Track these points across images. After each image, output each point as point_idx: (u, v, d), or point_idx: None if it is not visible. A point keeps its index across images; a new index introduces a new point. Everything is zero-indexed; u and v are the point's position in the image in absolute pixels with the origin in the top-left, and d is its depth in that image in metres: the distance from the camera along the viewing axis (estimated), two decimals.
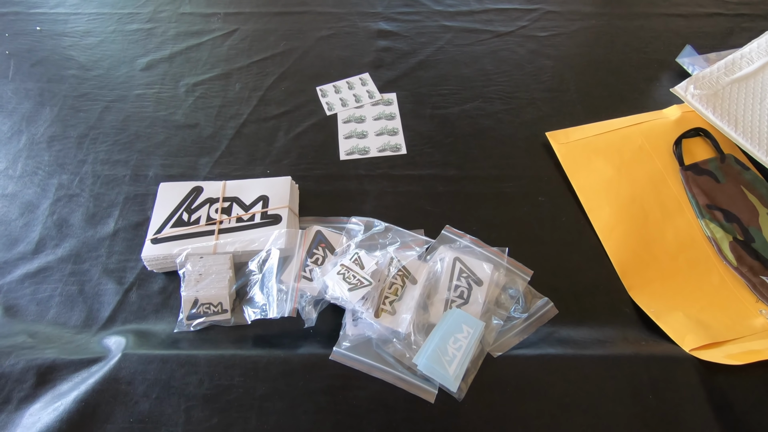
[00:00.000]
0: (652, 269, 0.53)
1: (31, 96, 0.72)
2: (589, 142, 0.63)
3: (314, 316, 0.48)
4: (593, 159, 0.61)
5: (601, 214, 0.56)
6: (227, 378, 0.42)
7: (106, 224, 0.57)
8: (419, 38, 0.79)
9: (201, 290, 0.49)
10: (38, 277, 0.53)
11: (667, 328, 0.47)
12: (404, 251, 0.51)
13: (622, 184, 0.58)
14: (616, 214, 0.56)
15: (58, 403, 0.41)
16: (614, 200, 0.57)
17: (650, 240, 0.54)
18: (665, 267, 0.53)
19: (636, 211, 0.56)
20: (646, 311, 0.48)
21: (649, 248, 0.54)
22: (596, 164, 0.60)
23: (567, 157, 0.62)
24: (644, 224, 0.55)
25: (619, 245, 0.54)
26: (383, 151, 0.64)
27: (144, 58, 0.76)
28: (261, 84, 0.73)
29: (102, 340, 0.47)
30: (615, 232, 0.55)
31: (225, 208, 0.55)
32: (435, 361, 0.41)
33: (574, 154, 0.62)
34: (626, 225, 0.55)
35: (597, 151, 0.62)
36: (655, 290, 0.51)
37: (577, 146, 0.63)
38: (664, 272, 0.52)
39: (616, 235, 0.55)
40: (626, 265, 0.53)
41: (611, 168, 0.60)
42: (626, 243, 0.54)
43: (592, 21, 0.82)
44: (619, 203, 0.57)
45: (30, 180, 0.61)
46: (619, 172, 0.59)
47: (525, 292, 0.49)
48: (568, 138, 0.64)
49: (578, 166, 0.61)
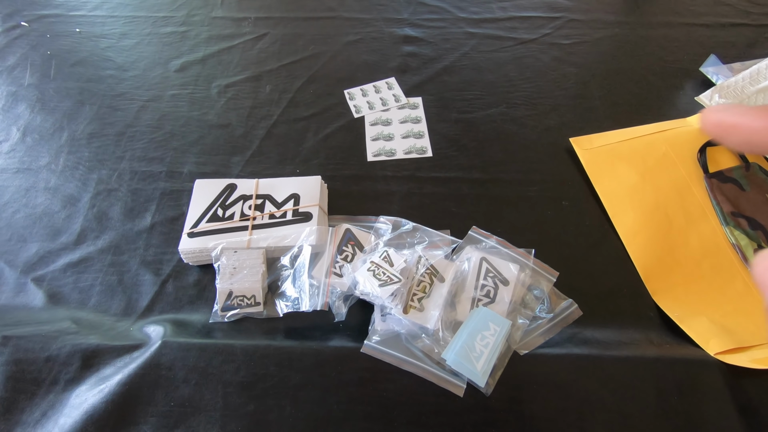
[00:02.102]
0: (676, 274, 0.53)
1: (71, 95, 0.75)
2: (613, 149, 0.64)
3: (344, 310, 0.49)
4: (617, 165, 0.62)
5: (625, 219, 0.57)
6: (262, 367, 0.44)
7: (144, 218, 0.59)
8: (444, 44, 0.81)
9: (235, 283, 0.51)
10: (80, 267, 0.55)
11: (691, 331, 0.47)
12: (432, 250, 0.52)
13: (647, 190, 0.59)
14: (640, 219, 0.57)
15: (103, 386, 0.43)
16: (638, 206, 0.58)
17: (674, 246, 0.55)
18: (689, 272, 0.53)
19: (660, 217, 0.57)
20: (670, 315, 0.49)
21: (673, 254, 0.55)
22: (620, 170, 0.61)
23: (591, 163, 0.63)
24: (668, 230, 0.56)
25: (642, 250, 0.55)
26: (409, 153, 0.65)
27: (178, 60, 0.79)
28: (290, 86, 0.75)
29: (142, 328, 0.49)
30: (639, 237, 0.56)
31: (258, 205, 0.57)
32: (463, 357, 0.43)
33: (598, 160, 0.63)
34: (650, 230, 0.56)
35: (621, 158, 0.63)
36: (679, 295, 0.52)
37: (600, 152, 0.64)
38: (688, 278, 0.53)
39: (640, 240, 0.56)
40: (650, 269, 0.54)
41: (635, 174, 0.60)
42: (650, 248, 0.55)
43: (615, 29, 0.83)
44: (643, 209, 0.58)
45: (71, 174, 0.64)
46: (643, 178, 0.60)
47: (550, 293, 0.50)
48: (592, 144, 0.65)
49: (602, 171, 0.62)
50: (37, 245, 0.57)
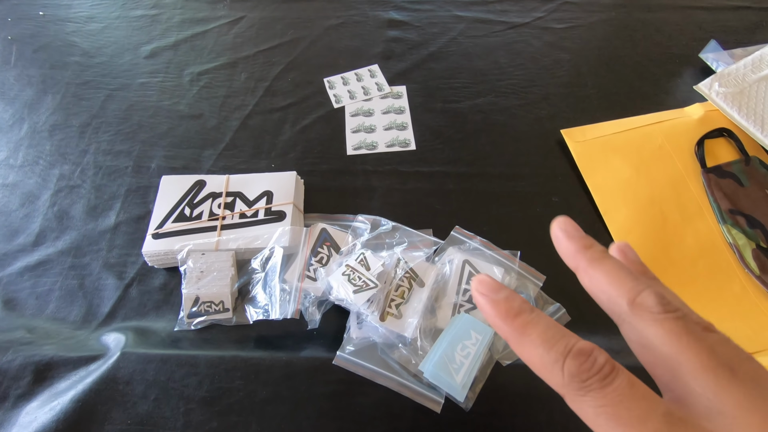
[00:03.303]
0: (670, 275, 0.51)
1: (33, 83, 0.70)
2: (607, 141, 0.60)
3: (318, 317, 0.46)
4: (610, 158, 0.59)
5: (618, 216, 0.54)
6: (228, 380, 0.41)
7: (107, 217, 0.56)
8: (431, 28, 0.77)
9: (202, 288, 0.48)
10: (38, 270, 0.52)
11: None
12: (411, 252, 0.49)
13: (641, 184, 0.56)
14: (634, 216, 0.54)
15: (55, 402, 0.40)
16: (631, 202, 0.55)
17: (668, 244, 0.52)
18: (683, 273, 0.51)
19: (654, 214, 0.54)
20: None
21: (667, 253, 0.52)
22: (613, 164, 0.58)
23: (583, 156, 0.59)
24: (663, 228, 0.53)
25: (635, 249, 0.52)
26: (392, 146, 0.62)
27: (148, 45, 0.75)
28: (267, 74, 0.70)
29: (101, 336, 0.46)
30: (631, 234, 0.53)
31: (228, 204, 0.53)
32: (442, 369, 0.40)
33: (591, 153, 0.59)
34: (644, 228, 0.53)
35: (614, 150, 0.59)
36: None
37: (593, 144, 0.60)
38: (682, 278, 0.50)
39: (633, 238, 0.53)
40: None
41: (629, 168, 0.57)
42: (643, 246, 0.52)
43: (612, 13, 0.79)
44: (636, 205, 0.55)
45: (31, 170, 0.60)
46: (637, 172, 0.57)
47: (536, 297, 0.47)
48: (585, 136, 0.61)
49: (594, 165, 0.58)
50: None
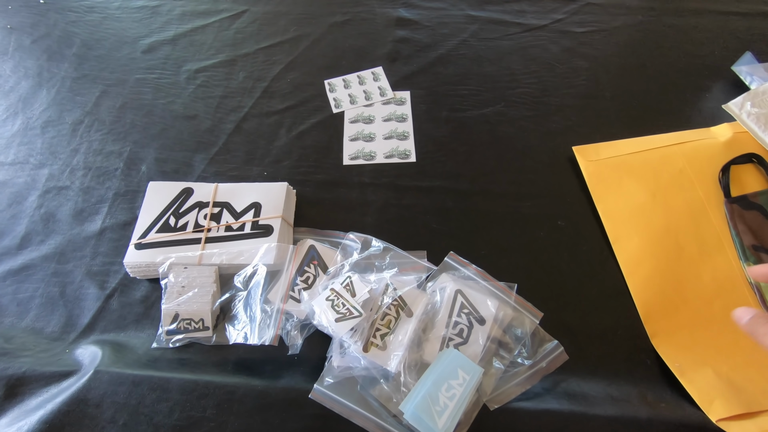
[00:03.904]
0: (682, 315, 0.47)
1: (29, 75, 0.69)
2: (622, 161, 0.56)
3: (299, 342, 0.44)
4: (625, 181, 0.54)
5: (628, 245, 0.50)
6: (200, 409, 0.39)
7: (94, 222, 0.54)
8: (441, 29, 0.72)
9: (182, 304, 0.46)
10: (21, 275, 0.51)
11: (692, 388, 0.41)
12: (402, 275, 0.46)
13: (656, 212, 0.52)
14: (646, 246, 0.50)
15: (23, 422, 0.39)
16: (645, 230, 0.51)
17: (682, 280, 0.48)
18: (697, 313, 0.47)
19: (669, 245, 0.50)
20: (670, 365, 0.43)
21: (680, 290, 0.48)
22: (628, 187, 0.54)
23: (594, 177, 0.55)
24: (677, 261, 0.49)
25: (645, 283, 0.48)
26: (391, 157, 0.58)
27: (147, 39, 0.72)
28: (266, 74, 0.67)
29: (77, 350, 0.45)
30: (642, 267, 0.49)
31: (214, 215, 0.51)
32: (423, 411, 0.37)
33: (604, 174, 0.55)
34: (656, 260, 0.49)
35: (630, 172, 0.55)
36: (683, 340, 0.45)
37: (607, 165, 0.56)
38: (696, 319, 0.46)
39: (643, 271, 0.49)
40: (651, 307, 0.47)
41: (645, 193, 0.53)
42: (654, 281, 0.48)
43: (638, 17, 0.73)
44: (650, 234, 0.50)
45: (21, 168, 0.59)
46: (653, 198, 0.52)
47: (533, 334, 0.43)
48: (599, 154, 0.57)
49: (606, 187, 0.54)
50: None
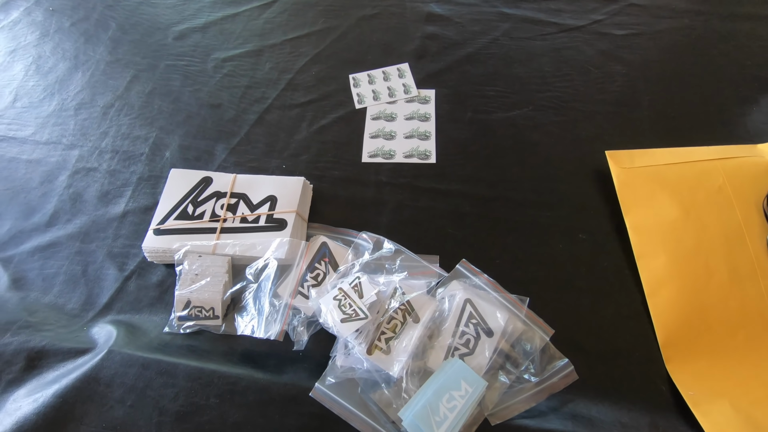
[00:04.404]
0: (703, 342, 0.44)
1: (67, 57, 0.71)
2: (657, 172, 0.53)
3: (305, 338, 0.44)
4: (658, 193, 0.51)
5: (654, 263, 0.48)
6: (203, 397, 0.40)
7: (117, 204, 0.56)
8: (472, 26, 0.70)
9: (195, 292, 0.47)
10: (47, 252, 0.53)
11: (705, 421, 0.39)
12: (411, 279, 0.46)
13: (688, 230, 0.49)
14: (673, 266, 0.47)
15: (39, 395, 0.41)
16: (673, 249, 0.48)
17: (708, 306, 0.45)
18: (719, 342, 0.44)
19: (698, 268, 0.47)
20: (683, 394, 0.41)
21: (704, 315, 0.45)
22: (660, 200, 0.51)
23: (625, 186, 0.52)
24: (705, 285, 0.46)
25: (667, 305, 0.46)
26: (410, 156, 0.58)
27: (179, 25, 0.73)
28: (292, 65, 0.67)
29: (94, 328, 0.47)
30: (666, 288, 0.47)
31: (231, 205, 0.51)
32: (422, 420, 0.37)
33: (636, 184, 0.52)
34: (682, 282, 0.47)
35: (664, 185, 0.52)
36: (701, 369, 0.43)
37: (640, 174, 0.53)
38: (717, 348, 0.44)
39: (667, 292, 0.46)
40: (671, 330, 0.45)
41: (678, 208, 0.50)
42: (677, 304, 0.46)
43: (685, 20, 0.69)
44: (678, 253, 0.48)
45: (54, 148, 0.61)
46: (686, 214, 0.50)
47: (542, 350, 0.42)
48: (633, 162, 0.54)
49: (637, 198, 0.51)
50: (10, 222, 0.55)
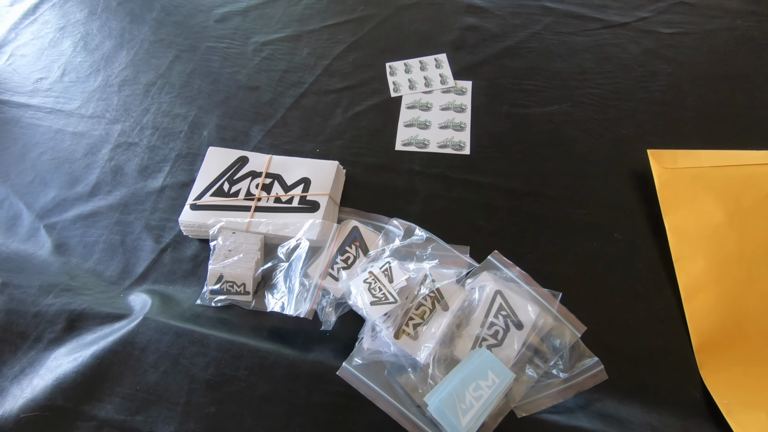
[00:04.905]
0: (740, 350, 0.43)
1: (113, 36, 0.73)
2: (701, 174, 0.51)
3: (333, 319, 0.45)
4: (701, 196, 0.50)
5: (693, 267, 0.47)
6: (233, 368, 0.41)
7: (156, 179, 0.57)
8: (513, 19, 0.69)
9: (227, 267, 0.48)
10: (89, 221, 0.55)
11: (739, 430, 0.38)
12: (442, 268, 0.46)
13: (731, 236, 0.47)
14: (712, 271, 0.46)
15: (78, 354, 0.42)
16: (714, 254, 0.47)
17: (747, 314, 0.44)
18: (757, 352, 0.43)
19: (739, 275, 0.46)
20: (717, 401, 0.40)
21: (742, 324, 0.44)
22: (703, 203, 0.49)
23: (667, 186, 0.51)
24: (745, 293, 0.45)
25: (704, 310, 0.45)
26: (444, 147, 0.57)
27: (220, 8, 0.75)
28: (329, 52, 0.68)
29: (130, 296, 0.48)
30: (704, 293, 0.45)
31: (265, 185, 0.52)
32: (448, 407, 0.37)
33: (678, 184, 0.51)
34: (721, 288, 0.45)
35: (708, 187, 0.50)
36: (736, 377, 0.42)
37: (684, 175, 0.51)
38: (754, 358, 0.43)
39: (705, 298, 0.45)
40: (707, 336, 0.43)
41: (722, 212, 0.48)
42: (715, 310, 0.44)
43: (737, 21, 0.66)
44: (719, 259, 0.46)
45: (98, 122, 0.63)
46: (730, 219, 0.48)
47: (572, 347, 0.42)
48: (676, 162, 0.52)
49: (679, 199, 0.50)
50: (55, 191, 0.57)
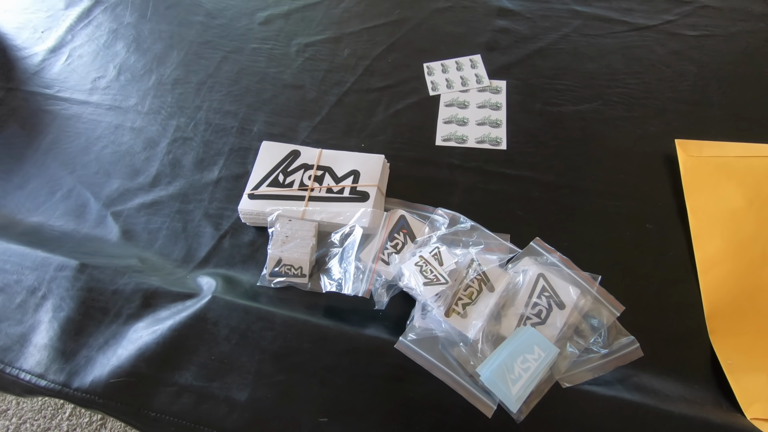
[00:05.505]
0: (749, 321, 0.46)
1: (163, 38, 0.78)
2: (724, 163, 0.55)
3: (385, 299, 0.48)
4: (723, 183, 0.53)
5: (710, 244, 0.50)
6: (297, 341, 0.45)
7: (212, 171, 0.62)
8: (543, 22, 0.73)
9: (285, 251, 0.52)
10: (152, 209, 0.59)
11: (737, 387, 0.41)
12: (486, 254, 0.49)
13: (749, 220, 0.51)
14: (728, 249, 0.49)
15: (157, 327, 0.46)
16: (732, 234, 0.50)
17: (758, 289, 0.47)
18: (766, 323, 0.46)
19: (753, 254, 0.49)
20: (722, 361, 0.43)
21: (753, 298, 0.47)
22: (724, 189, 0.53)
23: (691, 173, 0.54)
24: (759, 270, 0.48)
25: (717, 283, 0.48)
26: (482, 142, 0.61)
27: (263, 12, 0.79)
28: (369, 53, 0.72)
29: (196, 278, 0.52)
30: (718, 268, 0.49)
31: (317, 177, 0.56)
32: (499, 377, 0.40)
33: (702, 172, 0.54)
34: (735, 265, 0.49)
35: (730, 175, 0.54)
36: (743, 344, 0.45)
37: (708, 163, 0.55)
38: (762, 329, 0.46)
39: (719, 272, 0.48)
40: (719, 306, 0.47)
41: (741, 198, 0.52)
42: (727, 283, 0.48)
43: (760, 24, 0.69)
44: (736, 239, 0.50)
45: (154, 118, 0.68)
46: (749, 205, 0.51)
47: (610, 327, 0.45)
48: (701, 151, 0.56)
49: (701, 185, 0.53)
50: (118, 182, 0.62)
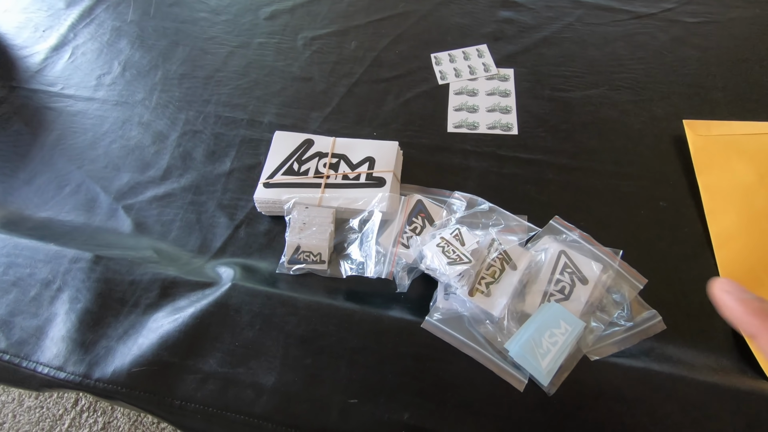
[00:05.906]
0: (765, 291, 0.47)
1: (167, 34, 0.77)
2: (733, 140, 0.56)
3: (407, 282, 0.48)
4: (733, 160, 0.54)
5: (723, 219, 0.51)
6: (323, 325, 0.45)
7: (223, 163, 0.61)
8: (546, 12, 0.74)
9: (303, 238, 0.51)
10: (164, 201, 0.58)
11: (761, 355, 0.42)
12: (506, 235, 0.49)
13: (761, 194, 0.51)
14: (742, 223, 0.50)
15: (177, 316, 0.46)
16: (745, 209, 0.51)
17: None
18: None
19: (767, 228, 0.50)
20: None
21: None
22: (735, 166, 0.54)
23: (701, 152, 0.55)
24: None
25: (734, 257, 0.49)
26: (493, 128, 0.61)
27: (268, 7, 0.79)
28: (376, 45, 0.72)
29: (214, 267, 0.52)
30: (734, 241, 0.49)
31: (333, 164, 0.56)
32: (528, 351, 0.40)
33: (711, 150, 0.55)
34: (750, 238, 0.49)
35: (740, 152, 0.55)
36: None
37: (717, 141, 0.56)
38: None
39: (735, 245, 0.49)
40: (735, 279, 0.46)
41: (753, 174, 0.53)
42: (743, 256, 0.48)
43: (756, 10, 0.71)
44: (749, 213, 0.50)
45: (162, 112, 0.67)
46: (761, 180, 0.52)
47: (632, 301, 0.45)
48: (709, 131, 0.57)
49: (712, 163, 0.54)
50: (128, 175, 0.61)
